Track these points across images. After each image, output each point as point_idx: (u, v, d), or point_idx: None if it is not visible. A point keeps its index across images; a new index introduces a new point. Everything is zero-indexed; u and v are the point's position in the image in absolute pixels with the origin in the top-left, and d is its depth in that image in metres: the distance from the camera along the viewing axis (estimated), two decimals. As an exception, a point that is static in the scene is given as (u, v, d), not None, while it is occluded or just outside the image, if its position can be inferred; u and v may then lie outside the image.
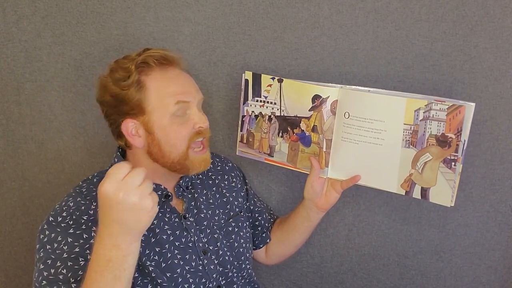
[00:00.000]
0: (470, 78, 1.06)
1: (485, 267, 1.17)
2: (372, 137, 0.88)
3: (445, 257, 1.18)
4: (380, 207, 1.18)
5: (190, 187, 0.97)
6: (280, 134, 0.98)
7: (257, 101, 0.99)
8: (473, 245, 1.16)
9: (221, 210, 0.98)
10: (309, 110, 0.93)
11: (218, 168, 1.05)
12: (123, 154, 0.93)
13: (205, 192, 0.99)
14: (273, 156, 1.00)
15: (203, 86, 1.12)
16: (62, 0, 1.09)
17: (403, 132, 0.87)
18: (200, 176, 1.00)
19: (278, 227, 1.09)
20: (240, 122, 1.02)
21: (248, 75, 0.98)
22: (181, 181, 0.94)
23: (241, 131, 1.02)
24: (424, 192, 0.87)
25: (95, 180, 0.91)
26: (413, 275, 1.21)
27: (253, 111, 1.00)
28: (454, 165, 0.84)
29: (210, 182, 1.01)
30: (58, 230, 0.80)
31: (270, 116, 0.98)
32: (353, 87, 0.92)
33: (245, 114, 1.01)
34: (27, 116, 1.16)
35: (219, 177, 1.03)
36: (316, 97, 0.92)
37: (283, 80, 0.94)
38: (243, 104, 1.00)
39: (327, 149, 0.93)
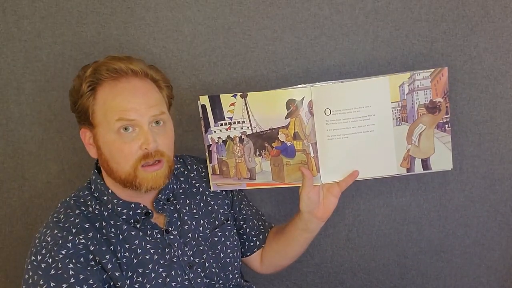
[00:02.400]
0: (470, 78, 1.06)
1: (485, 267, 1.17)
2: (362, 126, 0.87)
3: (445, 257, 1.18)
4: (380, 207, 1.18)
5: (171, 198, 0.92)
6: (258, 153, 0.90)
7: (221, 125, 0.90)
8: (473, 245, 1.16)
9: (206, 220, 0.94)
10: (286, 118, 0.87)
11: (203, 174, 0.99)
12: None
13: (188, 202, 0.93)
14: (255, 179, 0.92)
15: (202, 86, 1.12)
16: (62, 0, 1.09)
17: (392, 110, 0.87)
18: (183, 185, 0.95)
19: (274, 238, 1.02)
20: (207, 154, 0.93)
21: (204, 100, 0.89)
22: (159, 195, 0.89)
23: (210, 162, 0.93)
24: (425, 163, 0.89)
25: (72, 202, 0.87)
26: (413, 275, 1.21)
27: (219, 137, 0.91)
28: (448, 126, 0.87)
29: (194, 190, 0.96)
30: (40, 273, 0.77)
31: (241, 137, 0.90)
32: (323, 82, 0.87)
33: (210, 143, 0.91)
34: (27, 116, 1.16)
35: (203, 184, 0.98)
36: (290, 102, 0.86)
37: (247, 94, 0.87)
38: (205, 133, 0.91)
39: (315, 154, 0.88)
